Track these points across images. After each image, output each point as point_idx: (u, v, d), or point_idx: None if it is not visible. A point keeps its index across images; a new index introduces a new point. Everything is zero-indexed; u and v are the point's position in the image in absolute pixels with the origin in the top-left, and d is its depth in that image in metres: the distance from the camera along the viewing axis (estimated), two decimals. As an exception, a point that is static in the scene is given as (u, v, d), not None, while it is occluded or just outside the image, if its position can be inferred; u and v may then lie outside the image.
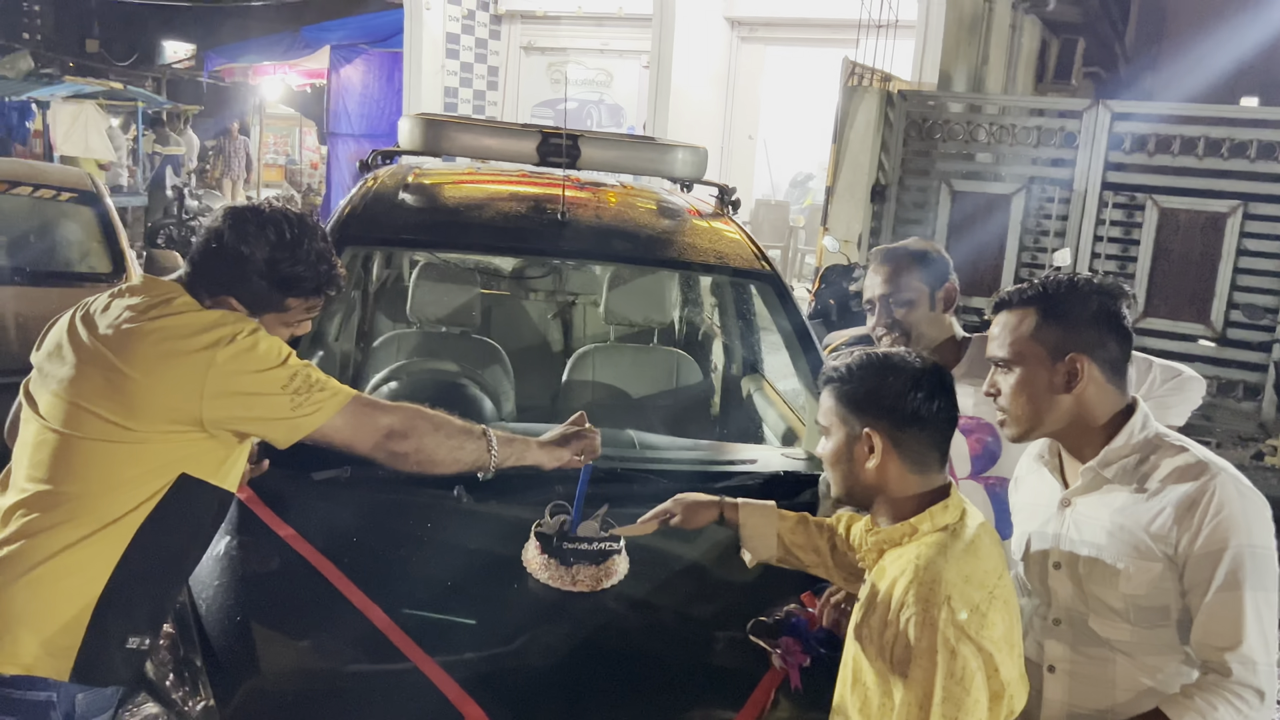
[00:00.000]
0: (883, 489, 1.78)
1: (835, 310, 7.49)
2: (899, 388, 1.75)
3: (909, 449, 1.76)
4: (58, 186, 6.54)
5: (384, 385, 3.31)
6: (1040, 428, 1.89)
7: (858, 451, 1.77)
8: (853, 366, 1.81)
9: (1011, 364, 1.88)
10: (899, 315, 2.48)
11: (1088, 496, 1.88)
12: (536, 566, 2.20)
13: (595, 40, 14.39)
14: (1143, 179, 8.06)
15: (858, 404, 1.78)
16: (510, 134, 3.73)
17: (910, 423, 1.75)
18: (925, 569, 1.65)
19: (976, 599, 1.63)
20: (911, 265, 2.49)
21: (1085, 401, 1.85)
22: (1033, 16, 13.61)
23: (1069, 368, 1.84)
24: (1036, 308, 1.88)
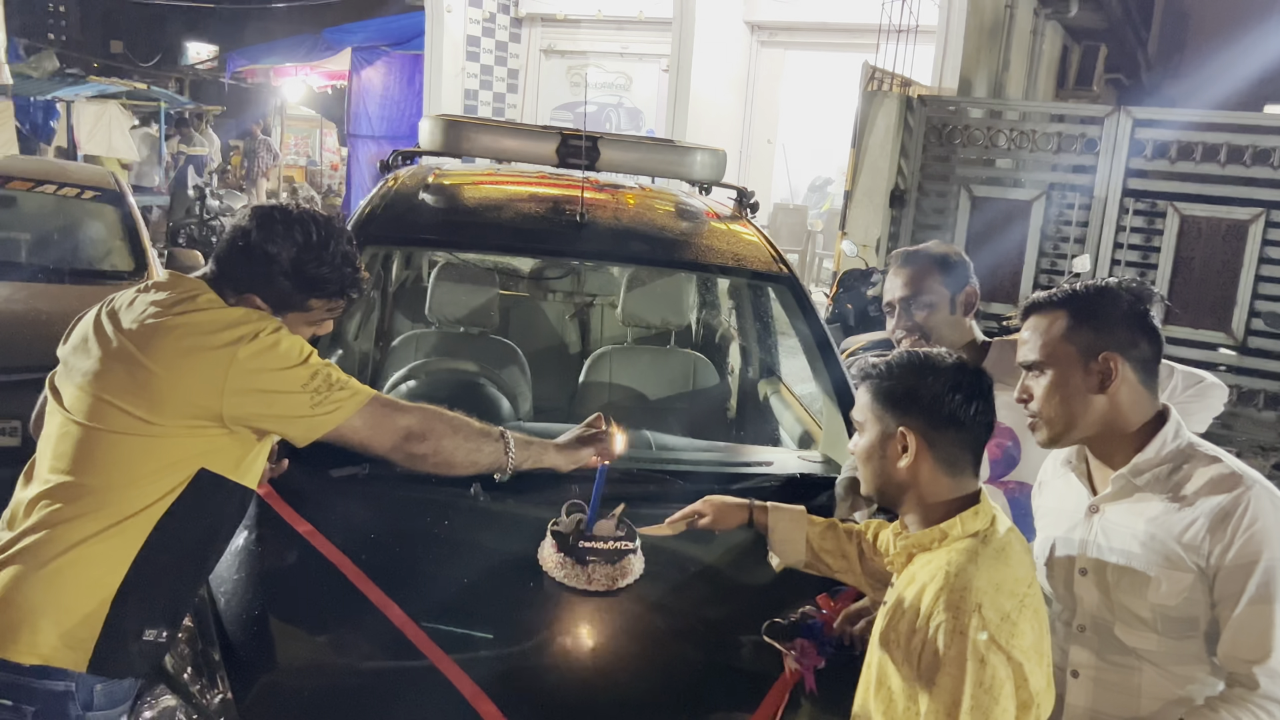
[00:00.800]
0: (914, 489, 1.77)
1: (853, 315, 7.48)
2: (938, 388, 1.74)
3: (943, 450, 1.74)
4: (81, 185, 6.60)
5: (402, 384, 3.32)
6: (1074, 431, 1.87)
7: (891, 449, 1.76)
8: (892, 364, 1.80)
9: (1044, 366, 1.87)
10: (919, 318, 2.47)
11: (1118, 504, 1.87)
12: (552, 565, 2.21)
13: (615, 44, 14.41)
14: (1164, 186, 8.03)
15: (895, 402, 1.77)
16: (530, 135, 3.75)
17: (947, 424, 1.74)
18: (956, 576, 1.64)
19: (1007, 607, 1.62)
20: (932, 269, 2.48)
21: (1118, 403, 1.83)
22: (1054, 22, 13.57)
23: (1102, 367, 1.82)
24: (1067, 310, 1.86)
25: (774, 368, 4.11)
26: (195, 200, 13.97)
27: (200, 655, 1.97)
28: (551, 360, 4.20)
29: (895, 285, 2.53)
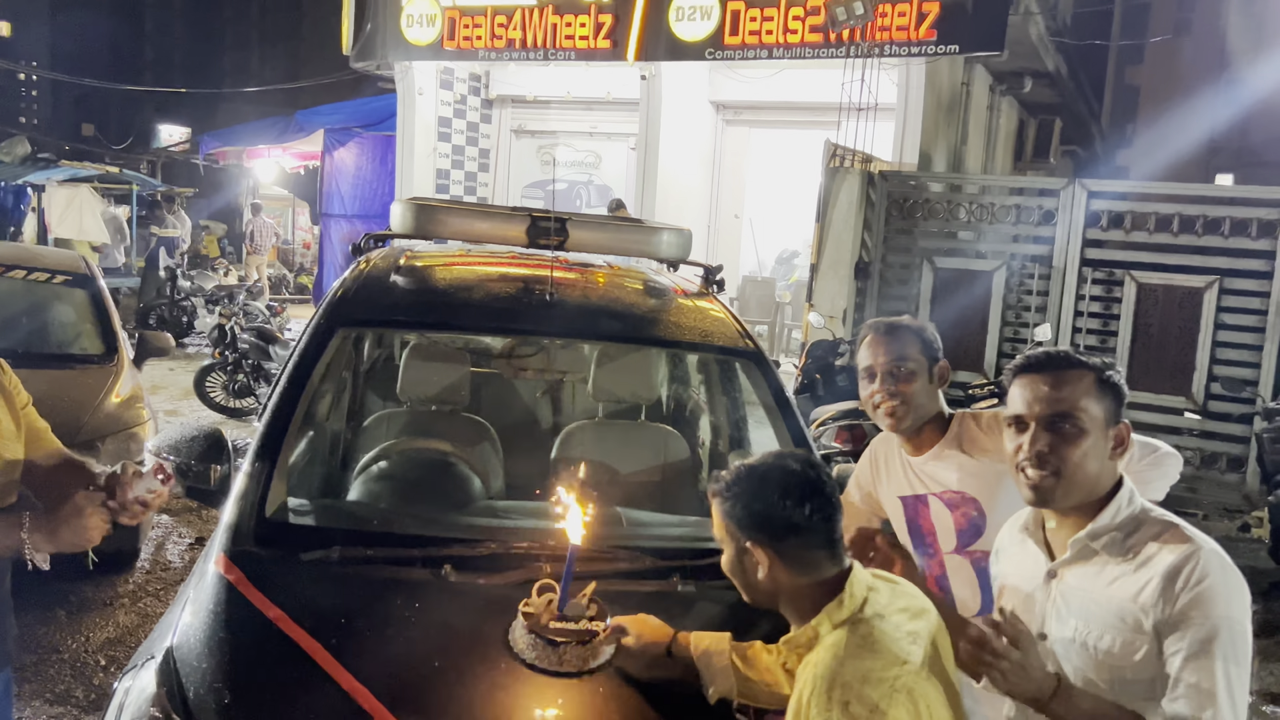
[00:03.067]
0: (779, 593, 1.84)
1: (821, 384, 7.56)
2: (770, 500, 1.81)
3: (792, 556, 1.82)
4: (52, 270, 6.60)
5: (373, 464, 3.33)
6: (1076, 493, 1.87)
7: (749, 563, 1.84)
8: (729, 482, 1.87)
9: (1076, 423, 1.86)
10: (900, 387, 2.54)
11: (1075, 568, 1.90)
12: (524, 647, 2.20)
13: (584, 123, 14.69)
14: (1120, 255, 8.23)
15: (738, 520, 1.85)
16: (500, 217, 3.82)
17: (786, 532, 1.81)
18: (823, 677, 1.70)
19: (875, 697, 1.66)
20: (914, 339, 2.58)
21: (1115, 471, 1.89)
22: (1010, 98, 13.98)
23: (1120, 434, 1.88)
24: (1094, 375, 1.89)
25: (743, 440, 4.14)
26: (166, 281, 13.96)
27: (170, 742, 1.95)
28: (523, 437, 4.22)
29: (875, 352, 2.59)
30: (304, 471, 3.28)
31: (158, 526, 6.31)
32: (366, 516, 2.98)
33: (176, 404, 9.94)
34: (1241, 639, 1.76)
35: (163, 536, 6.25)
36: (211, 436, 2.95)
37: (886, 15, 10.24)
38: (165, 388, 10.55)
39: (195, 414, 9.49)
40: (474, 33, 12.65)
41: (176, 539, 6.28)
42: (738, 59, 11.38)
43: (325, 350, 3.22)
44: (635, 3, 11.64)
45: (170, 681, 2.09)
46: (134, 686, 2.14)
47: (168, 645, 2.20)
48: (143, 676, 2.15)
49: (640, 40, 11.69)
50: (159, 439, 3.01)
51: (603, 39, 11.90)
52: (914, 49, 10.30)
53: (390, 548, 2.58)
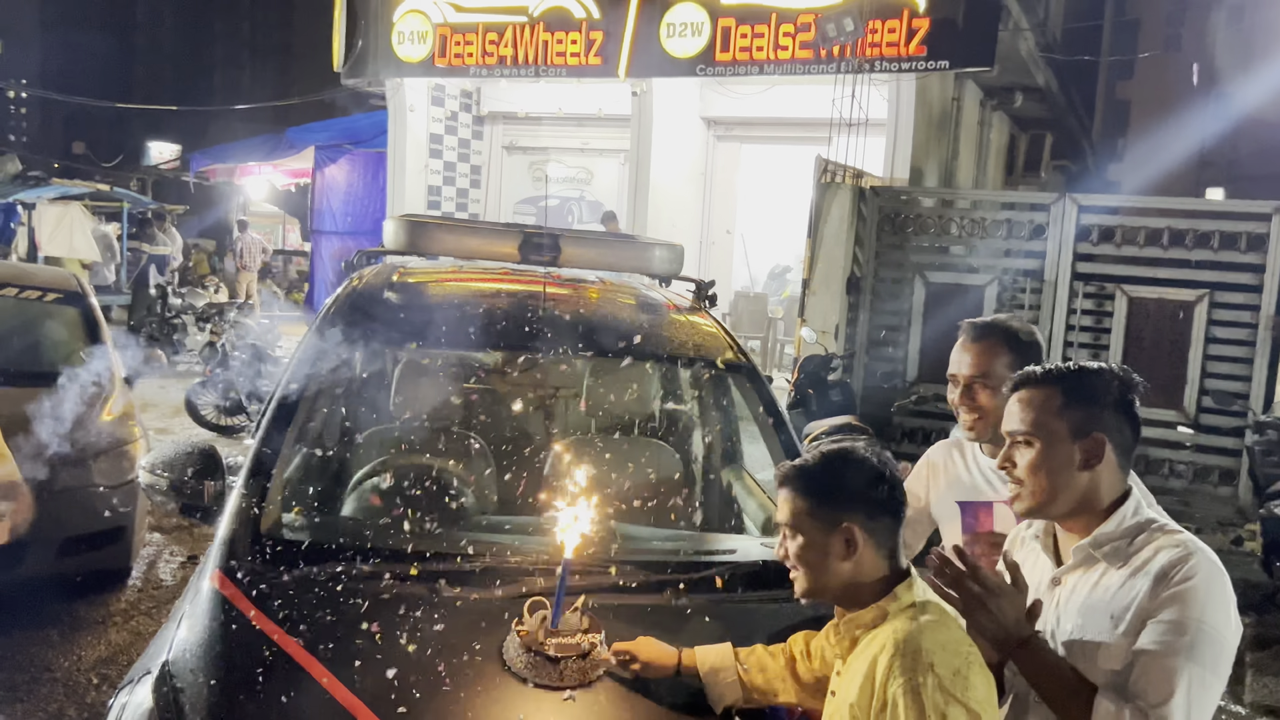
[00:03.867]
0: (854, 580, 1.86)
1: (814, 399, 7.57)
2: (867, 480, 1.85)
3: (881, 537, 1.86)
4: (43, 288, 6.59)
5: (367, 480, 3.33)
6: (1054, 505, 1.92)
7: (834, 547, 1.85)
8: (814, 466, 1.90)
9: (1033, 439, 1.92)
10: (982, 400, 2.46)
11: (1077, 574, 1.93)
12: (523, 666, 2.19)
13: (576, 140, 14.74)
14: (1111, 269, 8.27)
15: (830, 501, 1.86)
16: (493, 234, 3.83)
17: (881, 512, 1.85)
18: (905, 642, 1.74)
19: (957, 663, 1.71)
20: (1001, 347, 2.46)
21: (1098, 482, 1.90)
22: (1001, 113, 14.07)
23: (1090, 446, 1.89)
24: (1060, 387, 1.92)
25: (736, 455, 4.15)
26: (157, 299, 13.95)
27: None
28: (515, 452, 4.21)
29: (961, 361, 2.50)
30: (298, 488, 3.28)
31: (149, 544, 6.29)
32: (361, 532, 2.98)
33: (168, 422, 9.91)
34: (1210, 644, 1.77)
35: (155, 554, 6.23)
36: (206, 453, 2.95)
37: (877, 31, 10.31)
38: (156, 405, 10.51)
39: (186, 431, 9.46)
40: (465, 50, 12.70)
41: (169, 557, 6.25)
42: (729, 75, 11.44)
43: (319, 367, 3.22)
44: (626, 19, 11.71)
45: (166, 697, 2.08)
46: (130, 702, 2.13)
47: (163, 660, 2.19)
48: (139, 692, 2.14)
49: (631, 56, 11.74)
50: (153, 456, 3.01)
51: (594, 55, 11.96)
52: (904, 65, 10.36)
53: (385, 563, 2.58)
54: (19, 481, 2.74)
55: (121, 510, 5.30)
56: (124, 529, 5.35)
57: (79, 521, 5.16)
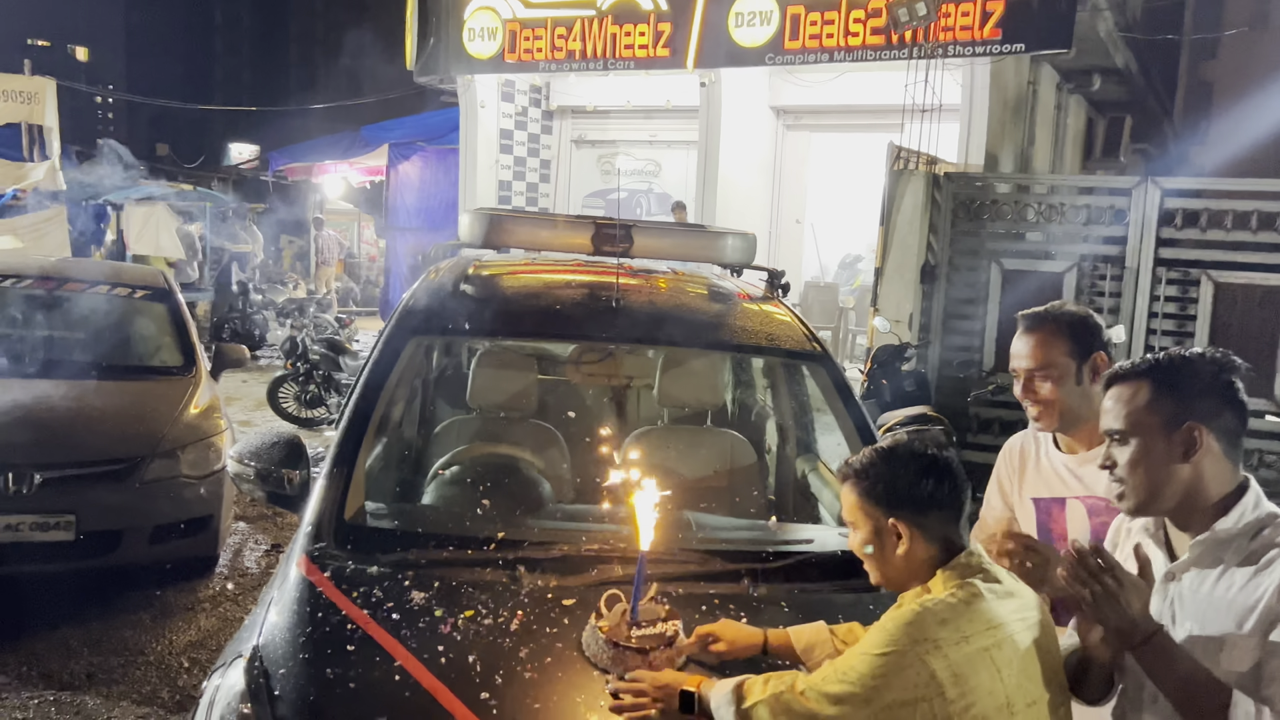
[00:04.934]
0: (911, 569, 1.92)
1: (888, 390, 7.49)
2: (912, 478, 1.91)
3: (932, 530, 1.90)
4: (133, 285, 6.82)
5: (447, 470, 3.39)
6: (1158, 500, 1.87)
7: (888, 541, 1.92)
8: (865, 463, 1.96)
9: (1127, 435, 1.88)
10: (1044, 392, 2.42)
11: (1194, 571, 1.87)
12: (609, 661, 2.20)
13: (644, 132, 14.75)
14: (1196, 254, 8.02)
15: (879, 498, 1.93)
16: (566, 226, 3.87)
17: (928, 507, 1.90)
18: (912, 609, 1.82)
19: (967, 631, 1.77)
20: (1058, 336, 2.42)
21: (1201, 473, 1.84)
22: (1078, 96, 13.73)
23: (1186, 437, 1.83)
24: (1150, 380, 1.88)
25: (810, 445, 4.13)
26: (239, 295, 14.32)
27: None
28: (589, 443, 4.25)
29: (1020, 354, 2.46)
30: (379, 477, 3.36)
31: (235, 533, 6.47)
32: (442, 520, 3.04)
33: (250, 414, 10.18)
34: None
35: (240, 543, 6.41)
36: (291, 443, 3.04)
37: (950, 15, 10.13)
38: (239, 399, 10.80)
39: (268, 424, 9.71)
40: (534, 45, 12.79)
41: (253, 545, 6.43)
42: (798, 63, 11.35)
43: (398, 359, 3.29)
44: (694, 10, 11.68)
45: (257, 678, 2.15)
46: (223, 684, 2.20)
47: (254, 644, 2.27)
48: (231, 674, 2.21)
49: (699, 47, 11.71)
50: (240, 446, 3.10)
51: (662, 47, 11.95)
52: (978, 49, 10.17)
53: (465, 550, 2.63)
54: None
55: (209, 500, 5.47)
56: (211, 518, 5.51)
57: (168, 510, 5.34)
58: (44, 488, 4.92)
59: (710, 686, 1.99)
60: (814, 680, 1.84)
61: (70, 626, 4.97)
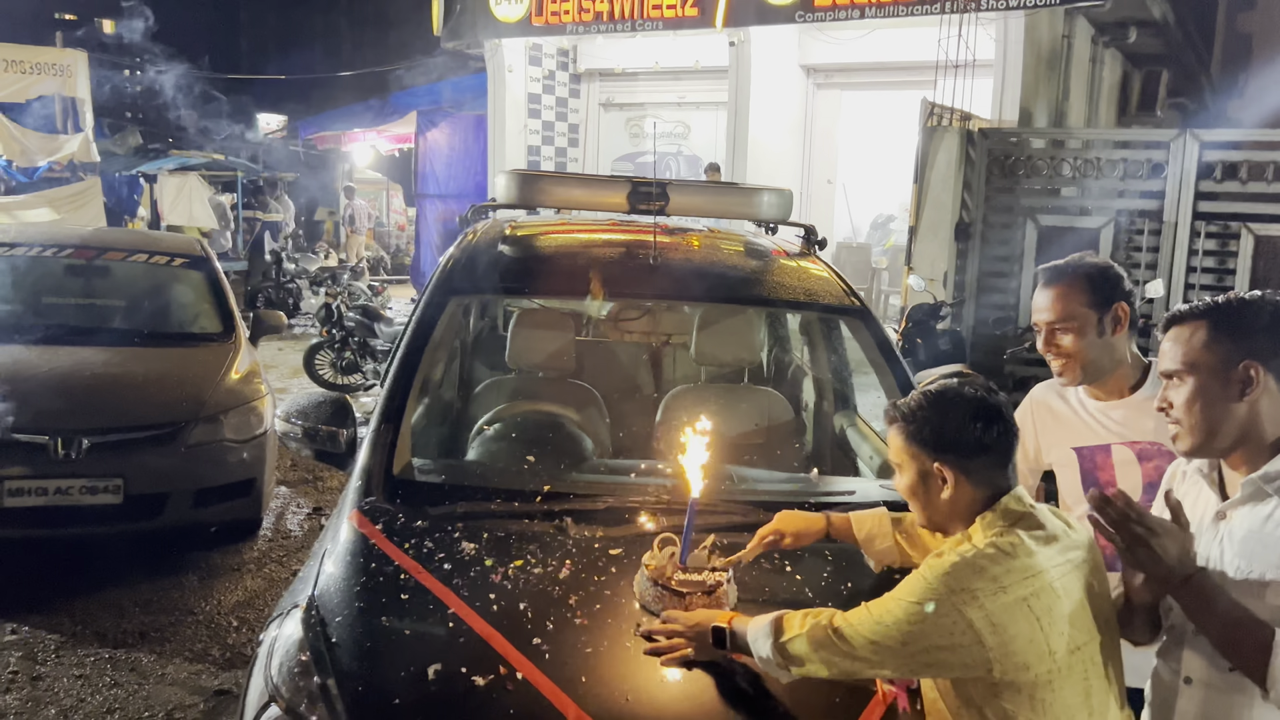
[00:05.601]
0: (956, 512, 1.93)
1: (922, 348, 7.47)
2: (960, 421, 1.90)
3: (979, 474, 1.91)
4: (171, 253, 6.90)
5: (489, 427, 3.43)
6: (1215, 439, 1.87)
7: (932, 484, 1.94)
8: (914, 406, 1.96)
9: (1184, 375, 1.88)
10: (1065, 344, 2.41)
11: (1244, 509, 1.87)
12: (650, 599, 2.26)
13: (672, 94, 14.66)
14: (1236, 207, 7.91)
15: (925, 441, 1.93)
16: (601, 185, 3.87)
17: (975, 451, 1.90)
18: (951, 560, 1.82)
19: (1005, 582, 1.77)
20: (1076, 288, 2.41)
21: (1258, 412, 1.84)
22: (1113, 49, 13.49)
23: (1242, 375, 1.83)
24: (1208, 320, 1.88)
25: (848, 400, 4.14)
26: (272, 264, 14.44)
27: (319, 688, 2.06)
28: (627, 401, 4.28)
29: (1040, 306, 2.45)
30: (422, 433, 3.40)
31: (277, 498, 6.57)
32: (488, 474, 3.08)
33: (286, 382, 10.29)
34: None
35: (282, 506, 6.51)
36: (338, 403, 3.09)
37: (983, -32, 9.97)
38: (275, 366, 10.92)
39: (305, 390, 9.81)
40: (561, 7, 12.71)
41: (295, 509, 6.53)
42: (829, 20, 11.21)
43: (440, 318, 3.33)
44: (722, -31, 11.55)
45: (314, 627, 2.20)
46: (280, 634, 2.25)
47: (310, 595, 2.32)
48: (288, 625, 2.27)
49: (728, 6, 11.59)
50: (287, 405, 3.15)
51: (690, 7, 11.84)
52: (1012, 2, 10.01)
53: (513, 503, 2.68)
54: None
55: (251, 463, 5.55)
56: (254, 481, 5.60)
57: (212, 474, 5.43)
58: (92, 452, 5.02)
59: (742, 622, 2.03)
60: (852, 619, 1.87)
61: (120, 587, 5.08)
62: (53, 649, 4.48)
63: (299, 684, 2.10)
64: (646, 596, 2.27)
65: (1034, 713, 1.78)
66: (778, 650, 1.92)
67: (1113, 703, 1.87)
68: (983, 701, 1.82)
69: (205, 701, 4.13)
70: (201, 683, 4.27)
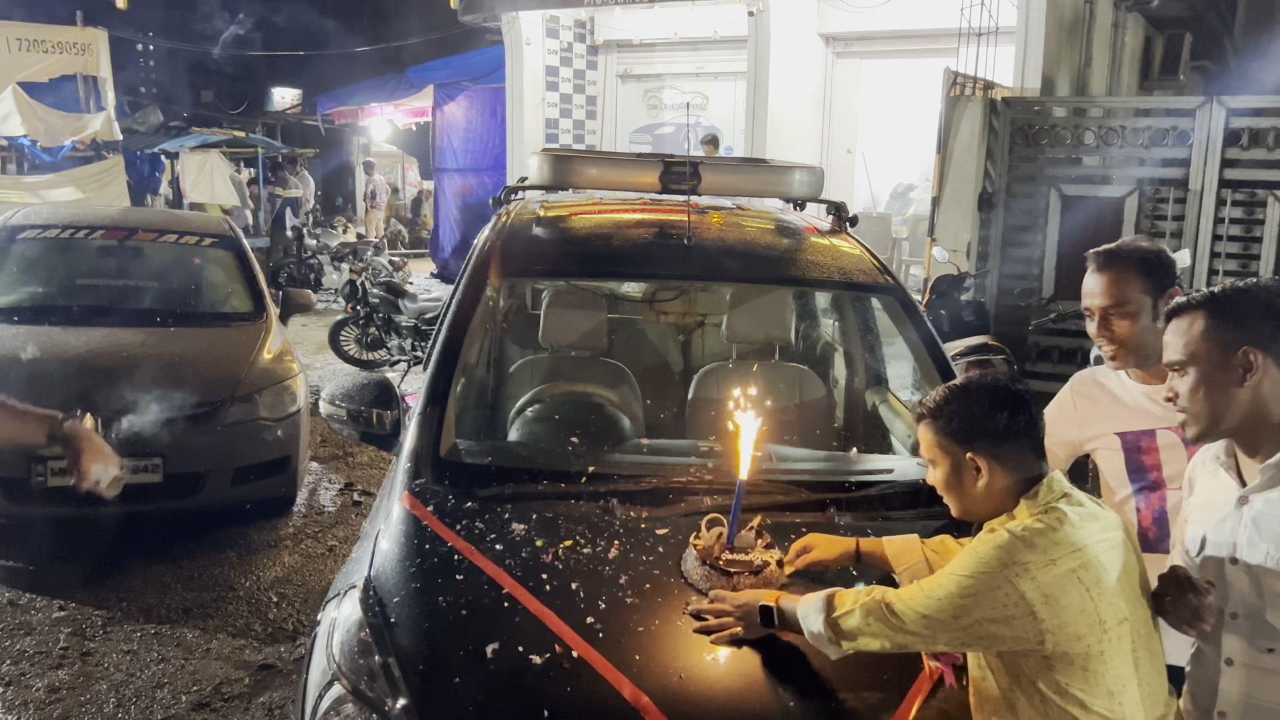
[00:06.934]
0: (991, 500, 1.98)
1: (947, 320, 7.47)
2: (985, 411, 1.96)
3: (1011, 461, 1.96)
4: (200, 233, 6.97)
5: (529, 407, 3.49)
6: (1220, 425, 1.93)
7: (967, 475, 1.98)
8: (940, 401, 2.02)
9: (1186, 365, 1.94)
10: (1119, 329, 2.42)
11: (1266, 494, 1.92)
12: (698, 578, 2.32)
13: (691, 64, 14.59)
14: (1263, 174, 7.84)
15: (954, 434, 1.99)
16: (635, 164, 3.90)
17: (1004, 438, 1.96)
18: (1003, 536, 1.88)
19: (1054, 554, 1.82)
20: (1131, 272, 2.40)
21: (1262, 396, 1.89)
22: (1136, 14, 13.32)
23: (1243, 361, 1.88)
24: (1206, 310, 1.93)
25: (881, 377, 4.17)
26: (293, 240, 14.50)
27: (380, 666, 2.13)
28: (658, 380, 4.32)
29: (1093, 292, 2.44)
30: (462, 415, 3.46)
31: (310, 474, 6.67)
32: (534, 455, 3.14)
33: (311, 358, 10.38)
34: None
35: (315, 483, 6.60)
36: (382, 384, 3.14)
37: (1005, -66, 9.86)
38: (300, 343, 10.99)
39: (330, 367, 9.91)
40: (579, -22, 12.65)
41: (327, 485, 6.63)
42: (848, -11, 11.13)
43: (480, 300, 3.37)
44: (741, -63, 11.46)
45: (372, 607, 2.27)
46: (339, 615, 2.32)
47: (366, 575, 2.38)
48: (346, 605, 2.33)
49: (747, -25, 11.52)
50: (331, 388, 3.21)
51: (709, -24, 11.77)
52: (1034, -33, 9.90)
53: (559, 484, 2.73)
54: None
55: (286, 441, 5.64)
56: (289, 459, 5.69)
57: (248, 452, 5.52)
58: (132, 433, 5.10)
59: (790, 600, 2.09)
60: (904, 595, 1.92)
61: (163, 564, 5.19)
62: (100, 625, 4.59)
63: (360, 663, 2.17)
64: (695, 576, 2.33)
65: (1087, 684, 1.83)
66: (830, 625, 1.98)
67: (1156, 674, 1.92)
68: (1035, 675, 1.86)
69: (250, 676, 4.23)
70: (246, 657, 4.37)
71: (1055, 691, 1.84)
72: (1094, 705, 1.83)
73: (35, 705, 3.96)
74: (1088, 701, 1.83)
